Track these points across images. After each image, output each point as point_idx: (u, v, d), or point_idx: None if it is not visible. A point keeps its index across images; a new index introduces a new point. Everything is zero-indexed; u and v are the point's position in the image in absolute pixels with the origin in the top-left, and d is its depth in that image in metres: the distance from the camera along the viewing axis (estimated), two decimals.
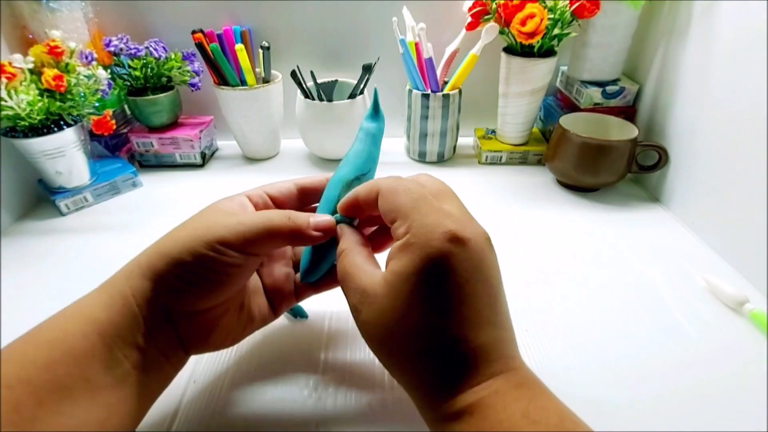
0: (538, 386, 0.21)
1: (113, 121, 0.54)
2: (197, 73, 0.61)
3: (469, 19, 0.58)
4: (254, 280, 0.30)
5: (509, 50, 0.58)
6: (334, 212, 0.28)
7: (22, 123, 0.46)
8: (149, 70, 0.58)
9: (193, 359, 0.33)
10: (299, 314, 0.37)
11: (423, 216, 0.22)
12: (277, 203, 0.30)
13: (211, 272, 0.24)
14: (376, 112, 0.32)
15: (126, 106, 0.63)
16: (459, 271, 0.21)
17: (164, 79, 0.60)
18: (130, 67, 0.57)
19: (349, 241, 0.26)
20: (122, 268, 0.25)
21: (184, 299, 0.24)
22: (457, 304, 0.21)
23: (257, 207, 0.28)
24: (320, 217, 0.27)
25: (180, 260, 0.23)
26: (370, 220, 0.31)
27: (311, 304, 0.39)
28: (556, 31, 0.54)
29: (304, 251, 0.30)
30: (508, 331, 0.23)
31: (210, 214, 0.26)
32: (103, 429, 0.21)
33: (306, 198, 0.31)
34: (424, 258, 0.21)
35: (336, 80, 0.64)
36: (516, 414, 0.19)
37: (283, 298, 0.31)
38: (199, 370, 0.33)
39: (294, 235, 0.25)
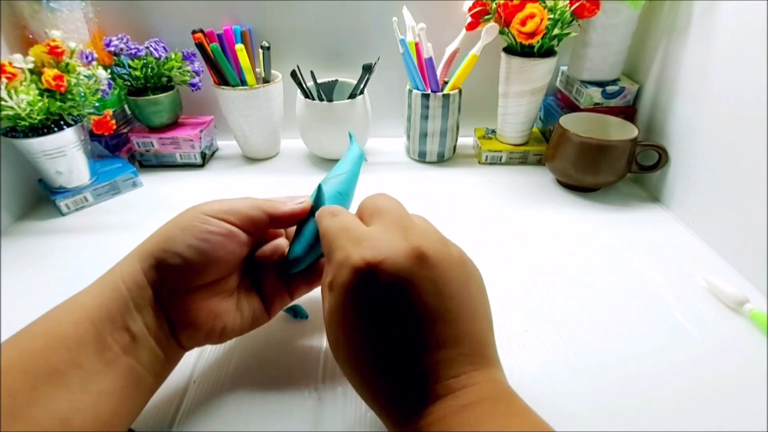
0: (494, 402, 0.20)
1: (113, 121, 0.54)
2: (197, 73, 0.61)
3: (469, 19, 0.58)
4: (246, 280, 0.31)
5: (509, 50, 0.58)
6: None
7: (23, 123, 0.46)
8: (149, 70, 0.58)
9: (193, 359, 0.33)
10: (300, 314, 0.37)
11: (337, 252, 0.22)
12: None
13: (195, 240, 0.25)
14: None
15: (126, 106, 0.63)
16: (372, 299, 0.20)
17: (164, 79, 0.60)
18: (130, 67, 0.57)
19: (341, 208, 0.27)
20: (115, 264, 0.26)
21: (171, 275, 0.25)
22: (379, 335, 0.21)
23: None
24: (298, 198, 0.30)
25: (167, 235, 0.26)
26: None
27: (311, 304, 0.39)
28: (556, 31, 0.54)
29: (291, 242, 0.31)
30: (459, 347, 0.21)
31: (199, 204, 0.28)
32: (95, 417, 0.22)
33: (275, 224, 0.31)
34: (339, 294, 0.22)
35: (336, 80, 0.64)
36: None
37: (275, 297, 0.31)
38: (199, 370, 0.33)
39: (272, 207, 0.28)
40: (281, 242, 0.33)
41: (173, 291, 0.26)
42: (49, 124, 0.48)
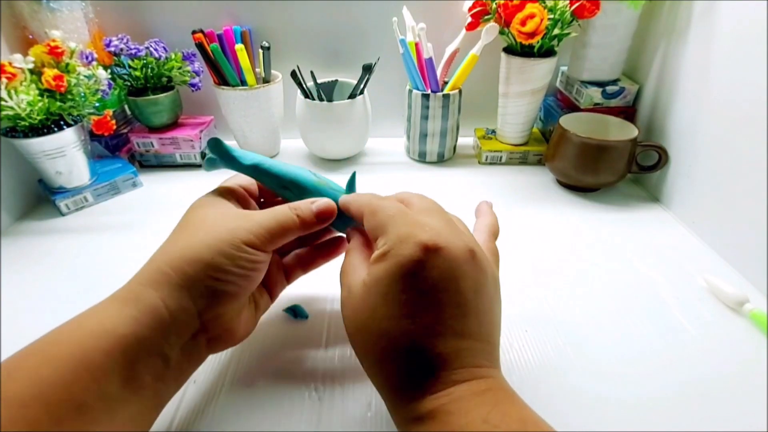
0: (504, 392, 0.22)
1: (113, 121, 0.54)
2: (197, 73, 0.61)
3: (469, 19, 0.58)
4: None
5: (509, 50, 0.58)
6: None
7: (23, 123, 0.46)
8: (149, 70, 0.58)
9: None
10: (300, 314, 0.37)
11: (397, 228, 0.24)
12: (251, 194, 0.32)
13: (240, 270, 0.25)
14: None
15: (126, 106, 0.63)
16: (427, 279, 0.22)
17: (164, 79, 0.60)
18: (130, 67, 0.57)
19: (354, 242, 0.28)
20: (140, 278, 0.25)
21: (219, 301, 0.25)
22: (421, 311, 0.22)
23: (243, 200, 0.31)
24: (320, 203, 0.29)
25: (213, 264, 0.24)
26: None
27: (311, 304, 0.39)
28: (556, 31, 0.54)
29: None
30: (481, 342, 0.23)
31: (217, 216, 0.28)
32: None
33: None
34: (395, 264, 0.22)
35: (336, 80, 0.64)
36: (477, 420, 0.20)
37: (276, 283, 0.33)
38: (199, 370, 0.33)
39: (303, 227, 0.28)
40: None
41: (219, 314, 0.26)
42: (49, 124, 0.48)
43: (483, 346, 0.23)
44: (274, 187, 0.32)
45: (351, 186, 0.32)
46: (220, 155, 0.32)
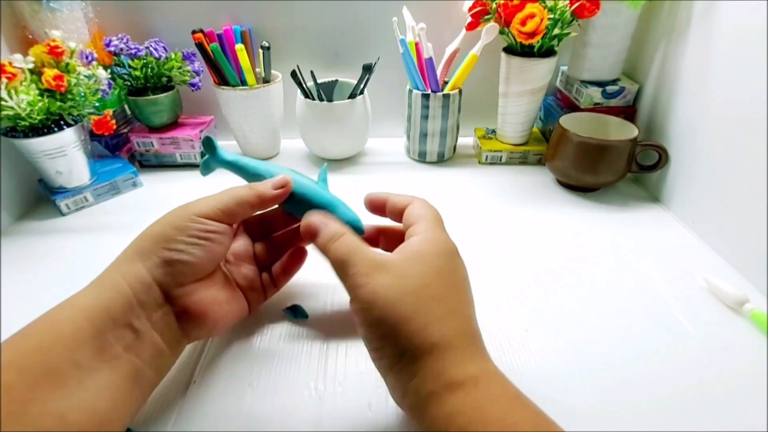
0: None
1: (113, 121, 0.54)
2: (197, 73, 0.61)
3: (469, 19, 0.58)
4: (224, 276, 0.33)
5: (509, 50, 0.58)
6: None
7: (23, 123, 0.46)
8: (149, 70, 0.58)
9: (194, 359, 0.33)
10: (300, 315, 0.37)
11: (439, 227, 0.29)
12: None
13: (194, 239, 0.27)
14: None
15: (126, 106, 0.63)
16: (462, 269, 0.27)
17: (164, 79, 0.60)
18: (130, 67, 0.57)
19: (336, 228, 0.29)
20: (110, 264, 0.27)
21: (175, 269, 0.27)
22: (463, 291, 0.26)
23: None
24: (276, 178, 0.32)
25: (164, 235, 0.27)
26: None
27: (312, 303, 0.39)
28: (556, 31, 0.54)
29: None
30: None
31: (184, 204, 0.30)
32: (92, 413, 0.22)
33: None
34: (445, 248, 0.27)
35: (336, 80, 0.64)
36: (510, 395, 0.22)
37: (253, 295, 0.34)
38: (200, 370, 0.33)
39: (260, 200, 0.31)
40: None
41: (181, 286, 0.27)
42: (49, 124, 0.48)
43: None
44: (251, 180, 0.35)
45: (323, 179, 0.36)
46: (210, 151, 0.35)
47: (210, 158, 0.36)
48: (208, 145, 0.35)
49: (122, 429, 0.24)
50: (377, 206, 0.32)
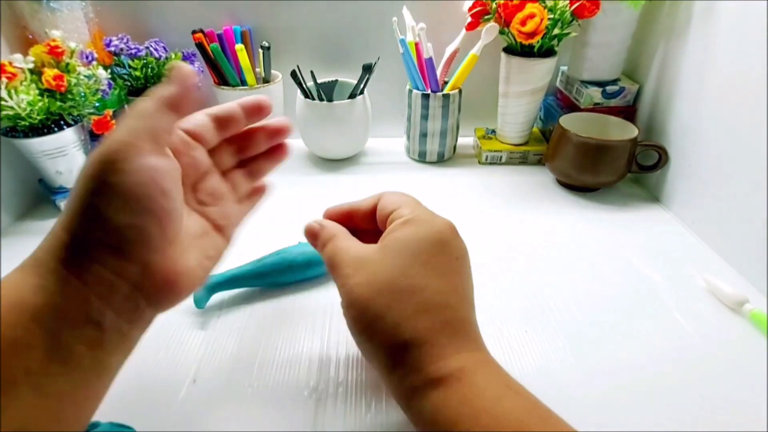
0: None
1: (114, 121, 0.54)
2: (197, 73, 0.61)
3: (469, 19, 0.58)
4: (198, 223, 0.26)
5: (509, 50, 0.58)
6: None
7: (23, 123, 0.46)
8: (149, 70, 0.58)
9: (193, 359, 0.33)
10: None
11: (420, 207, 0.27)
12: (195, 137, 0.27)
13: (127, 200, 0.20)
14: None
15: (126, 106, 0.63)
16: (455, 249, 0.25)
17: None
18: (130, 67, 0.57)
19: (335, 228, 0.28)
20: (41, 244, 0.21)
21: (122, 244, 0.20)
22: (451, 275, 0.24)
23: (176, 148, 0.25)
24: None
25: (87, 204, 0.20)
26: None
27: (312, 302, 0.39)
28: (556, 31, 0.54)
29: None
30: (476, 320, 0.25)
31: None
32: (59, 420, 0.19)
33: (222, 126, 0.28)
34: (430, 229, 0.25)
35: (336, 80, 0.64)
36: (500, 384, 0.22)
37: (233, 226, 0.29)
38: (199, 369, 0.33)
39: (165, 101, 0.23)
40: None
41: (138, 265, 0.21)
42: (49, 124, 0.48)
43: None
44: (258, 283, 0.40)
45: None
46: (209, 291, 0.38)
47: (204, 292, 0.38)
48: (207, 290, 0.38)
49: (92, 416, 0.22)
50: (342, 220, 0.29)
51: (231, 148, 0.30)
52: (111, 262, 0.20)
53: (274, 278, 0.40)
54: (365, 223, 0.29)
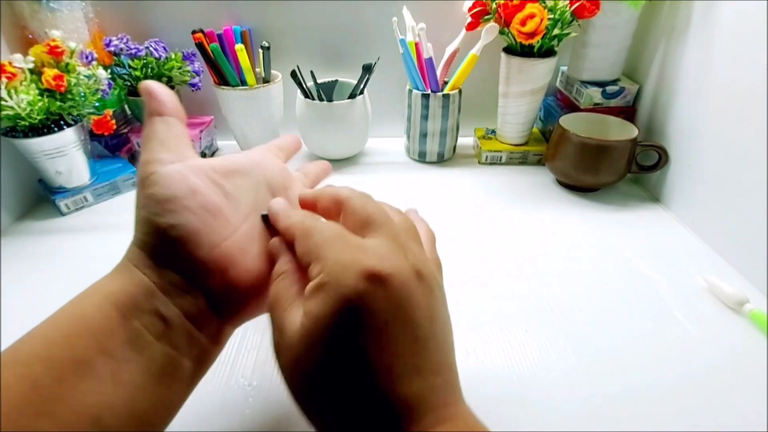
0: None
1: (113, 121, 0.54)
2: (197, 73, 0.61)
3: (469, 19, 0.58)
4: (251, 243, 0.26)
5: (509, 50, 0.58)
6: None
7: (22, 123, 0.46)
8: (149, 70, 0.58)
9: None
10: None
11: (336, 253, 0.20)
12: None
13: (159, 203, 0.22)
14: None
15: (126, 106, 0.63)
16: (377, 313, 0.19)
17: (164, 79, 0.60)
18: (130, 67, 0.57)
19: (282, 263, 0.23)
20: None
21: (170, 243, 0.22)
22: (376, 352, 0.19)
23: (255, 154, 0.29)
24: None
25: (140, 217, 0.23)
26: None
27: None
28: (556, 31, 0.54)
29: None
30: (443, 376, 0.20)
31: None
32: (130, 413, 0.19)
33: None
34: (337, 299, 0.19)
35: (336, 80, 0.64)
36: None
37: None
38: None
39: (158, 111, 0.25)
40: None
41: (193, 266, 0.22)
42: (49, 124, 0.48)
43: (445, 379, 0.20)
44: None
45: None
46: None
47: None
48: None
49: (165, 424, 0.22)
50: (309, 207, 0.26)
51: None
52: (165, 258, 0.22)
53: None
54: (324, 214, 0.25)
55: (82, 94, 0.49)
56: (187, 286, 0.22)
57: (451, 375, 0.21)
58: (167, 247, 0.22)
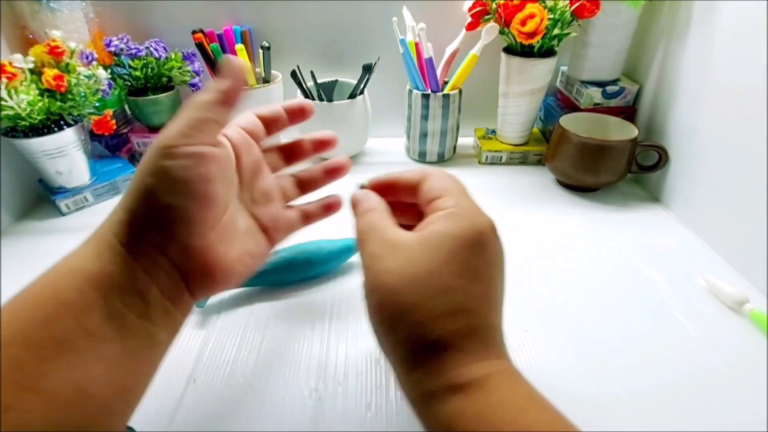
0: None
1: (113, 121, 0.54)
2: (197, 73, 0.61)
3: (469, 19, 0.58)
4: (246, 220, 0.28)
5: (509, 50, 0.58)
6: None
7: (23, 123, 0.46)
8: (150, 70, 0.58)
9: (194, 359, 0.33)
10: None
11: (466, 198, 0.24)
12: (250, 135, 0.29)
13: (173, 182, 0.22)
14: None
15: (126, 106, 0.63)
16: (492, 253, 0.23)
17: (164, 79, 0.60)
18: (130, 67, 0.57)
19: (376, 202, 0.26)
20: (103, 221, 0.23)
21: (166, 224, 0.22)
22: (485, 280, 0.23)
23: (235, 143, 0.27)
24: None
25: (142, 184, 0.22)
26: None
27: (312, 301, 0.39)
28: (556, 31, 0.54)
29: None
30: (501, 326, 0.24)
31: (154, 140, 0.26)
32: (112, 383, 0.20)
33: (268, 127, 0.31)
34: (471, 227, 0.23)
35: (336, 80, 0.64)
36: (524, 396, 0.21)
37: (277, 234, 0.30)
38: (199, 369, 0.33)
39: (220, 94, 0.25)
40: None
41: (176, 242, 0.23)
42: (49, 124, 0.48)
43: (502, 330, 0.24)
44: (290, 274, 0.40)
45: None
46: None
47: None
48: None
49: (142, 396, 0.23)
50: (386, 193, 0.28)
51: (280, 154, 0.33)
52: (156, 239, 0.22)
53: (290, 274, 0.40)
54: (406, 196, 0.28)
55: (83, 94, 0.49)
56: (169, 267, 0.23)
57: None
58: (159, 227, 0.22)
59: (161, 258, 0.23)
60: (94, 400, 0.20)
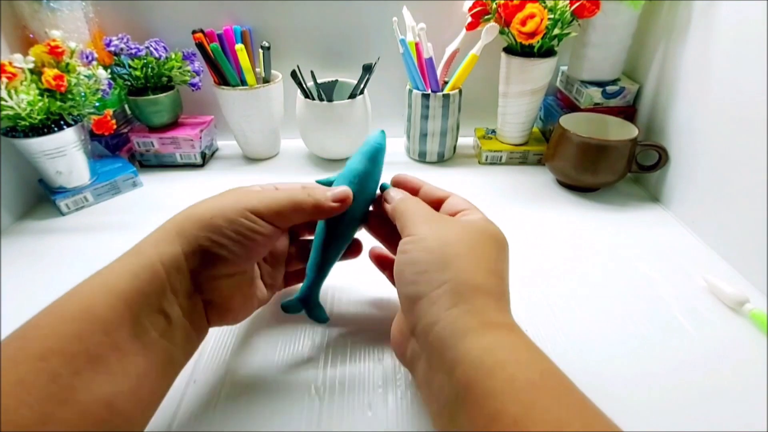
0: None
1: (113, 121, 0.54)
2: (197, 73, 0.61)
3: (469, 19, 0.58)
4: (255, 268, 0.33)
5: (509, 50, 0.58)
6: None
7: (23, 123, 0.46)
8: (150, 69, 0.58)
9: (193, 359, 0.33)
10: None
11: (479, 213, 0.30)
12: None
13: (240, 237, 0.26)
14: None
15: (126, 106, 0.63)
16: (507, 255, 0.28)
17: (165, 79, 0.60)
18: (130, 66, 0.57)
19: (404, 195, 0.31)
20: (149, 236, 0.26)
21: (212, 263, 0.26)
22: (505, 270, 0.27)
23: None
24: (336, 189, 0.31)
25: (212, 224, 0.26)
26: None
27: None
28: (556, 31, 0.54)
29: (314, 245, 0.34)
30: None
31: (238, 190, 0.30)
32: (137, 399, 0.22)
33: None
34: (495, 230, 0.28)
35: (336, 80, 0.64)
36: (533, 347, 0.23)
37: (270, 292, 0.34)
38: (199, 369, 0.33)
39: (315, 208, 0.29)
40: None
41: (211, 278, 0.26)
42: (49, 124, 0.48)
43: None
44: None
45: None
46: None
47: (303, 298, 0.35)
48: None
49: (155, 411, 0.24)
50: (408, 190, 0.33)
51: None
52: (202, 273, 0.26)
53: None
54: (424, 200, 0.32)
55: (83, 94, 0.49)
56: (194, 293, 0.26)
57: None
58: (211, 265, 0.26)
59: (193, 291, 0.26)
60: (121, 413, 0.21)
